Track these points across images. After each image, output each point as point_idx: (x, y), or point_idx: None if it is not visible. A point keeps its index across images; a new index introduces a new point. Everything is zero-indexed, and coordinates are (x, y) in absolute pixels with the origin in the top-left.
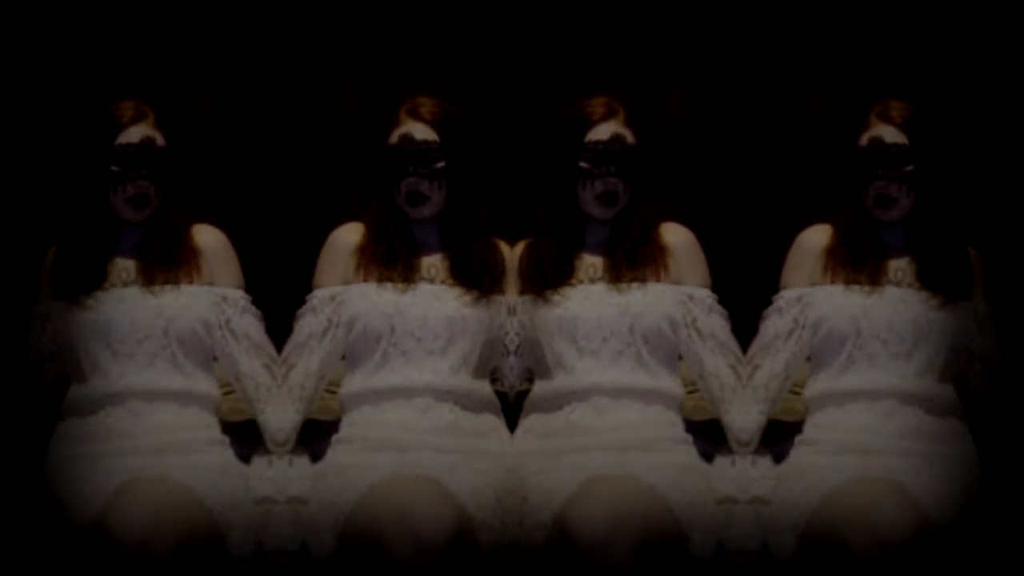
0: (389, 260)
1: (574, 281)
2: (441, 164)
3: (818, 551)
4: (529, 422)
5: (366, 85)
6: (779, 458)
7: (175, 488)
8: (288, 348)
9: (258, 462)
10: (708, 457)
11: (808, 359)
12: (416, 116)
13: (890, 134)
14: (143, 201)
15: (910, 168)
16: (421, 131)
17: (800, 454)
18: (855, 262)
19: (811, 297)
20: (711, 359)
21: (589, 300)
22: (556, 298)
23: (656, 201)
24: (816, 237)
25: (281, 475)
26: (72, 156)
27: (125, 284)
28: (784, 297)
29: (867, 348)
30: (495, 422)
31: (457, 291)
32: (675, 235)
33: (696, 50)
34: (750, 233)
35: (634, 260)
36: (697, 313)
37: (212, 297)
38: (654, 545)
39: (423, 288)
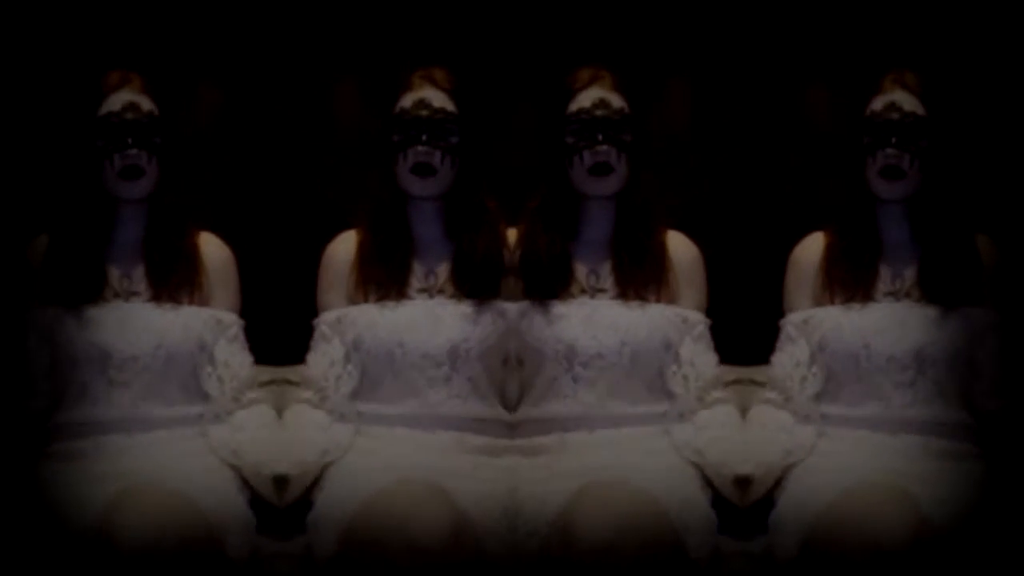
0: (383, 276)
1: (574, 290)
2: (455, 138)
3: (818, 555)
4: (517, 443)
5: (366, 84)
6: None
7: (172, 493)
8: (317, 377)
9: None
10: None
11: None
12: (432, 83)
13: (908, 102)
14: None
15: (924, 142)
16: (439, 99)
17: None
18: (849, 273)
19: (816, 319)
20: (681, 386)
21: (590, 322)
22: (553, 313)
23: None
24: (810, 250)
25: None
26: (71, 141)
27: (128, 295)
28: (792, 322)
29: (869, 378)
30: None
31: (459, 302)
32: (682, 250)
33: (697, 43)
34: (749, 234)
35: (642, 273)
36: (686, 338)
37: (209, 320)
38: (655, 550)
39: (421, 306)
